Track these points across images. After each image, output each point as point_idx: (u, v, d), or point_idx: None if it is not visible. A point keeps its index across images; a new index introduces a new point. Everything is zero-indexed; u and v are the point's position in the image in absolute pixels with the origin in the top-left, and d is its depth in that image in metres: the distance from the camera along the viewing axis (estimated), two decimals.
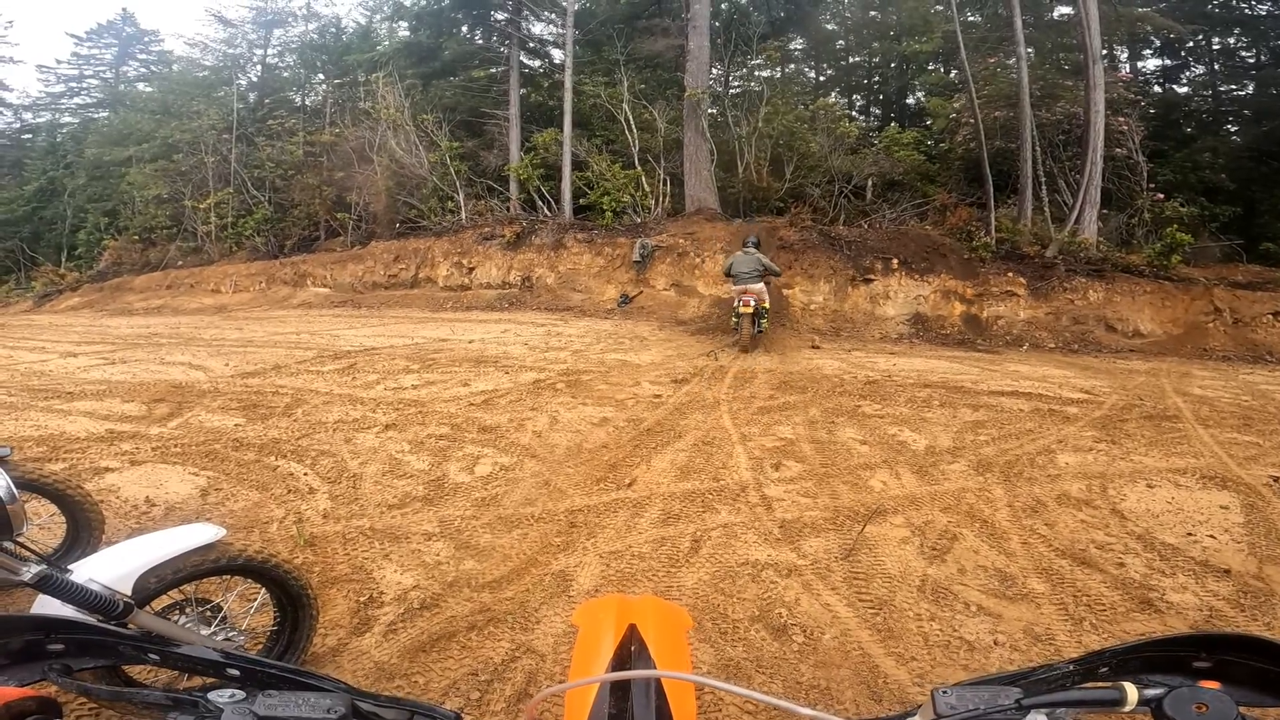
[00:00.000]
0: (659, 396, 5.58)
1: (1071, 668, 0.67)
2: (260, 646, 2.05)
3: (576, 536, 3.11)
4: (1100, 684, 0.63)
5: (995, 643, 2.36)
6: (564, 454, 4.17)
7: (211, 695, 0.58)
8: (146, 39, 33.20)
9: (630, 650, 0.83)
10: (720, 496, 3.56)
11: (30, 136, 31.66)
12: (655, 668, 0.80)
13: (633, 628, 0.86)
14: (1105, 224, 11.69)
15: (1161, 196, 12.12)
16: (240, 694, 0.58)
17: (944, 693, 0.62)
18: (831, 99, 18.83)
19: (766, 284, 8.74)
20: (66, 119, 31.77)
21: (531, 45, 18.76)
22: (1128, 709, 0.58)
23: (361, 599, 2.57)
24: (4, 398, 5.32)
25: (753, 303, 8.25)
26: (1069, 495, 3.61)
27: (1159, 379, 7.01)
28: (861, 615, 2.50)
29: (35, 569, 1.40)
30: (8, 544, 1.53)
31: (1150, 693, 0.58)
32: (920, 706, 0.65)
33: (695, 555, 2.95)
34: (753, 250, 8.74)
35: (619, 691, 0.73)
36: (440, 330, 9.54)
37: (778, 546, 3.03)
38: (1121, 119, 12.40)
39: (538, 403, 5.26)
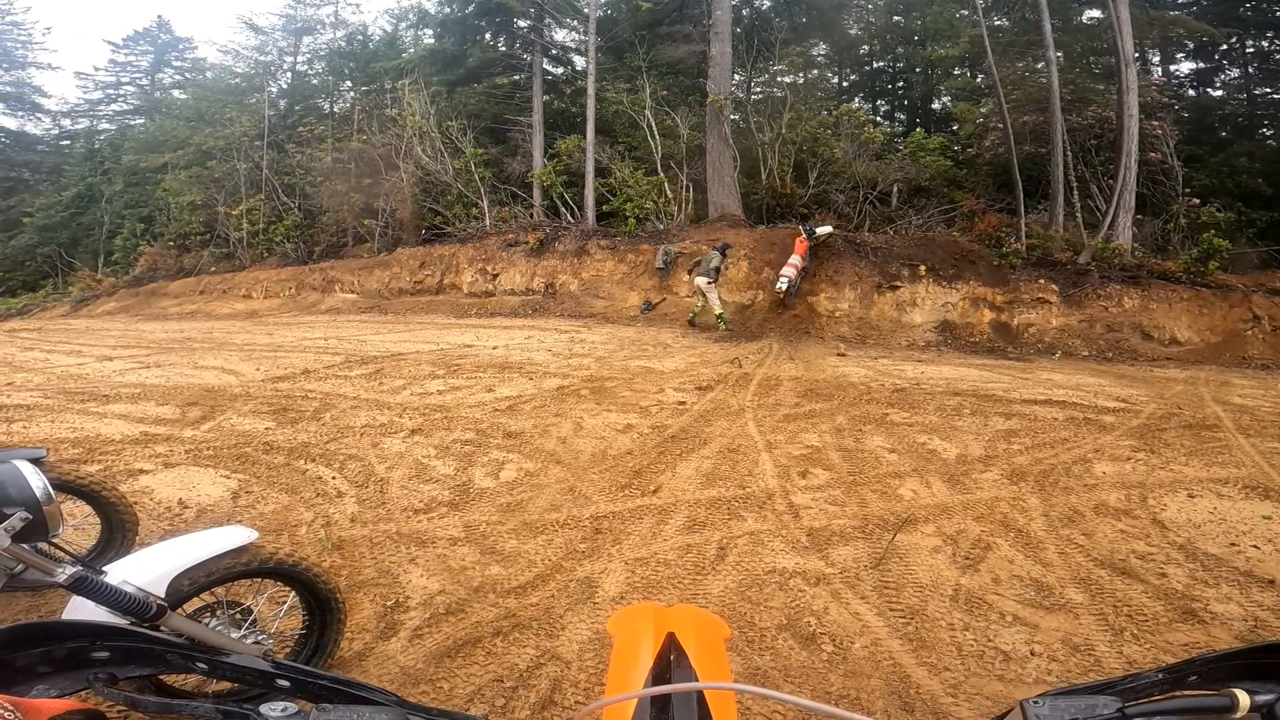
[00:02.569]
0: (683, 403, 5.55)
1: (1160, 676, 0.64)
2: (289, 649, 2.06)
3: (601, 543, 3.09)
4: (1207, 691, 0.61)
5: (1032, 653, 2.28)
6: (588, 460, 4.16)
7: (264, 709, 0.56)
8: (181, 46, 33.86)
9: (670, 660, 0.81)
10: (746, 504, 3.52)
11: (69, 143, 32.34)
12: (696, 678, 0.77)
13: (671, 637, 0.84)
14: (1140, 230, 11.41)
15: (1197, 201, 11.81)
16: (293, 708, 0.56)
17: (1035, 703, 0.59)
18: (855, 104, 18.71)
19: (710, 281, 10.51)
20: (104, 125, 32.46)
21: (554, 52, 18.94)
22: (1239, 716, 0.56)
23: (388, 603, 2.58)
24: (41, 400, 5.48)
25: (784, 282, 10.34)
26: (1107, 505, 3.51)
27: (1197, 387, 6.79)
28: (892, 625, 2.44)
29: (70, 570, 1.41)
30: (43, 545, 1.55)
31: (1262, 699, 0.56)
32: (1004, 716, 0.62)
33: (721, 563, 2.91)
34: (714, 253, 10.53)
35: (660, 703, 0.71)
36: (465, 336, 9.63)
37: (805, 555, 2.98)
38: (1155, 123, 12.12)
39: (562, 409, 5.26)
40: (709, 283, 10.16)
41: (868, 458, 4.24)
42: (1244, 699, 0.55)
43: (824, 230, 10.88)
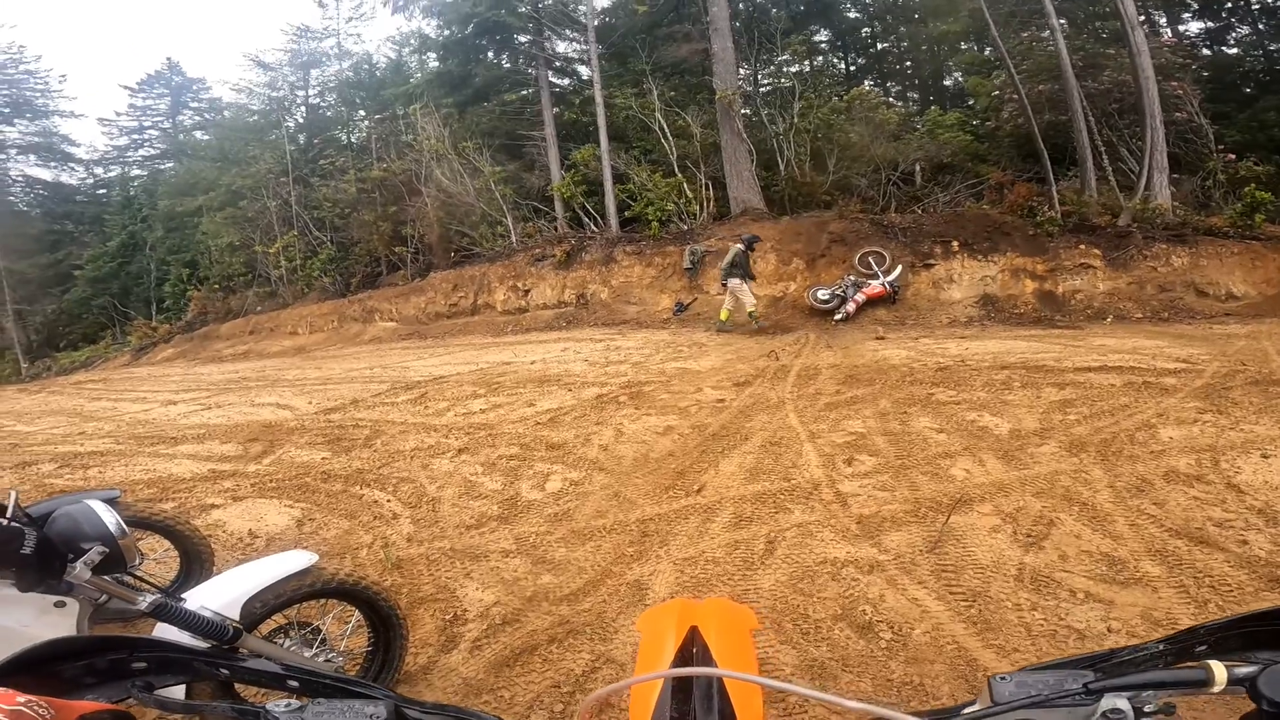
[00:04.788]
0: (722, 401, 5.53)
1: (1162, 647, 0.61)
2: (358, 666, 2.13)
3: (649, 545, 3.11)
4: (1185, 664, 0.58)
5: (1109, 630, 2.20)
6: (631, 465, 4.18)
7: (269, 706, 0.61)
8: (195, 87, 34.24)
9: (692, 653, 0.82)
10: (792, 496, 3.48)
11: (104, 192, 32.93)
12: (717, 668, 0.78)
13: (694, 630, 0.85)
14: (1178, 188, 11.10)
15: (1233, 157, 11.52)
16: (295, 704, 0.61)
17: (1002, 679, 0.58)
18: (865, 87, 18.41)
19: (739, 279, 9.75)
20: (135, 172, 32.99)
21: (558, 64, 19.05)
22: (1216, 689, 0.53)
23: (447, 617, 2.64)
24: (114, 446, 5.79)
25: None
26: (1177, 471, 3.36)
27: (1260, 342, 6.45)
28: (954, 608, 2.39)
29: (151, 598, 1.50)
30: (126, 577, 1.65)
31: (1242, 671, 0.52)
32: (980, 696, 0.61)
33: (770, 557, 2.89)
34: (734, 249, 9.85)
35: (680, 693, 0.72)
36: (503, 354, 9.77)
37: (857, 543, 2.94)
38: (1174, 83, 11.99)
39: (602, 417, 5.30)
40: (740, 281, 9.71)
41: (915, 440, 4.15)
42: (1220, 672, 0.53)
43: (895, 275, 10.19)
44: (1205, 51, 16.13)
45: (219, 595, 1.63)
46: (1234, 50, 16.44)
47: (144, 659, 0.67)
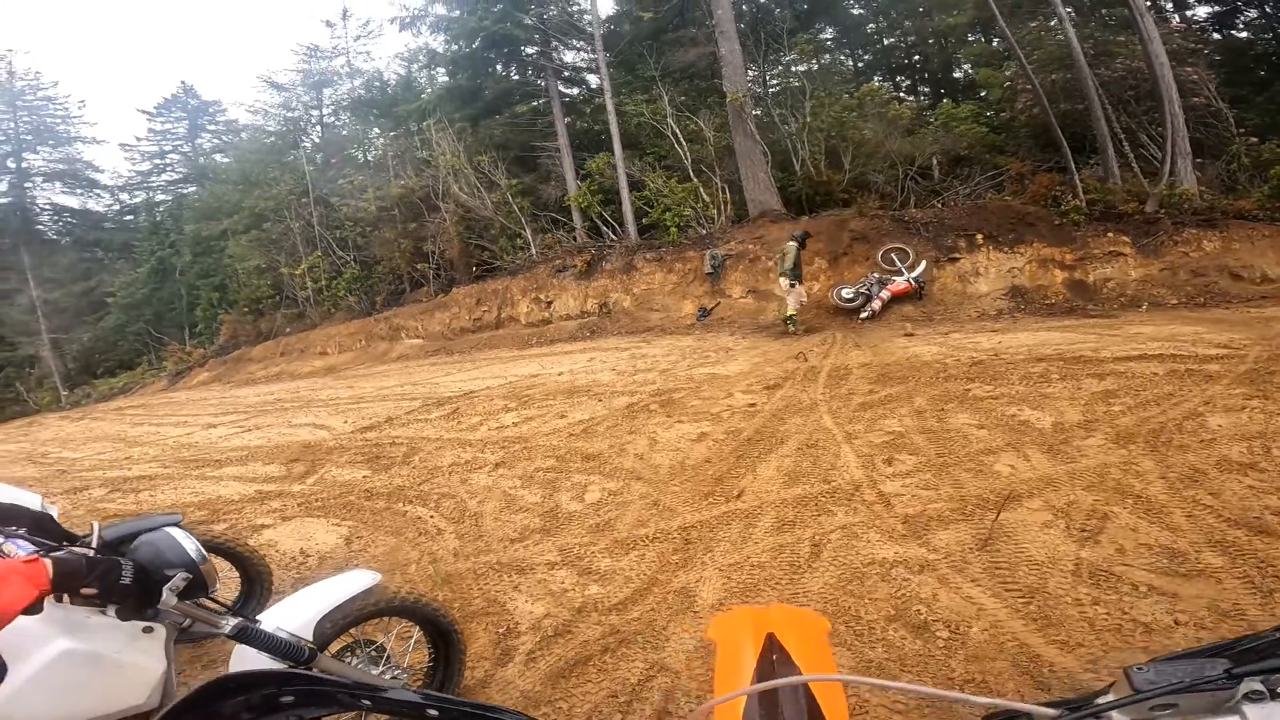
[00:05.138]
0: (754, 405, 5.52)
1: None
2: (420, 682, 2.17)
3: (693, 552, 3.12)
4: None
5: (1176, 623, 2.16)
6: (668, 473, 4.19)
7: None
8: (212, 109, 34.61)
9: (772, 660, 0.84)
10: (834, 498, 3.47)
11: (131, 218, 33.17)
12: (801, 674, 0.80)
13: (771, 637, 0.87)
14: (1203, 173, 10.93)
15: (1255, 140, 11.38)
16: None
17: (1140, 669, 0.59)
18: (875, 83, 18.30)
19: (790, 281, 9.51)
20: (160, 196, 32.73)
21: (567, 74, 19.16)
22: None
23: (500, 630, 2.68)
24: (161, 470, 5.96)
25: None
26: (1230, 460, 3.28)
27: None
28: (1011, 605, 2.36)
29: (233, 622, 1.55)
30: (203, 600, 1.70)
31: None
32: (1112, 685, 0.62)
33: (817, 560, 2.88)
34: (789, 246, 9.63)
35: (768, 701, 0.74)
36: (530, 366, 9.84)
37: (904, 543, 2.92)
38: (1189, 69, 11.91)
39: (634, 426, 5.31)
40: (790, 284, 9.52)
41: (955, 437, 4.11)
42: None
43: (920, 270, 10.08)
44: (1215, 36, 16.01)
45: (293, 616, 1.68)
46: (1244, 34, 16.35)
47: (291, 692, 0.70)
